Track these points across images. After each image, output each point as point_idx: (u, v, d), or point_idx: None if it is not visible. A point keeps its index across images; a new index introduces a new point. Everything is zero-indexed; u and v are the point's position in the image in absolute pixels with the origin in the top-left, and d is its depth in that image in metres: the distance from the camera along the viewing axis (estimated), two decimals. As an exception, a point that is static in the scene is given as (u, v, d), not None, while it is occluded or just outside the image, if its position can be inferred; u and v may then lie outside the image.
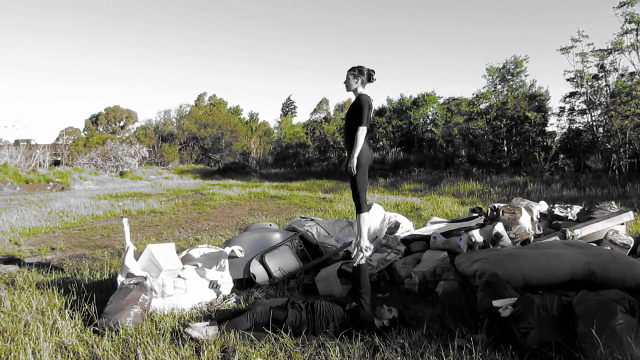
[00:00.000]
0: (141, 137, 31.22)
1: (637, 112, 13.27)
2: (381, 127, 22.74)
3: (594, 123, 15.75)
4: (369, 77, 3.81)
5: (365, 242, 3.67)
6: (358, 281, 3.47)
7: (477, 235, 4.90)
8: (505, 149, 17.77)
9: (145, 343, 3.01)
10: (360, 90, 3.75)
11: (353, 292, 3.46)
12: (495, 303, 3.09)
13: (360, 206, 3.71)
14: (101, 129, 40.90)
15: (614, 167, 13.97)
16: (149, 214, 9.81)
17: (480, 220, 5.19)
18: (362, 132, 3.57)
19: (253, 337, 3.09)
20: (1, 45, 66.64)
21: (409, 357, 2.79)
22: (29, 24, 71.37)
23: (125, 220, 4.42)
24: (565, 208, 5.72)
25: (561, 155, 16.30)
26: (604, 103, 15.08)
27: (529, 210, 5.45)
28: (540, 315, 2.83)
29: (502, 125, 17.45)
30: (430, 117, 23.42)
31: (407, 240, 5.13)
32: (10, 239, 7.08)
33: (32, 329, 3.23)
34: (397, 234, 5.67)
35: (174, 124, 36.16)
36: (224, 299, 4.16)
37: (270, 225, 5.86)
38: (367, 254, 3.63)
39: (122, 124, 42.62)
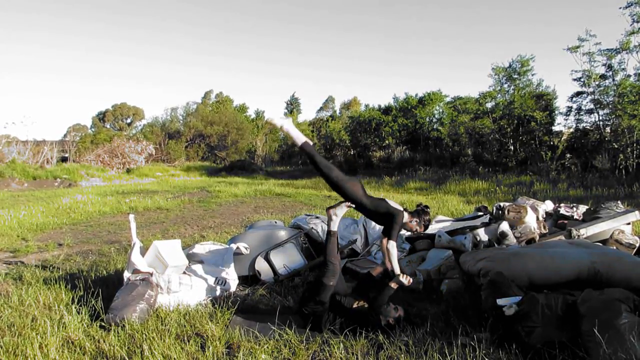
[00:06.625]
0: (148, 134, 31.36)
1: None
2: (387, 126, 22.64)
3: (601, 123, 15.62)
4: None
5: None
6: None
7: (482, 234, 4.90)
8: (512, 148, 17.65)
9: (151, 338, 3.03)
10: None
11: (357, 289, 3.46)
12: (500, 302, 3.08)
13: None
14: (108, 126, 41.26)
15: (621, 167, 13.83)
16: (155, 210, 9.88)
17: (486, 219, 5.17)
18: (392, 246, 3.58)
19: (258, 334, 3.11)
20: (9, 42, 67.12)
21: (413, 355, 2.79)
22: (36, 21, 71.91)
23: (131, 217, 4.45)
24: (571, 207, 5.69)
25: (568, 155, 16.17)
26: (612, 103, 14.94)
27: (535, 210, 5.43)
28: (545, 314, 2.83)
29: (508, 125, 17.35)
30: (436, 116, 23.26)
31: (412, 239, 5.13)
32: (18, 235, 7.16)
33: (40, 324, 3.28)
34: (401, 232, 5.67)
35: (181, 122, 36.24)
36: (229, 295, 4.18)
37: (276, 222, 5.87)
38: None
39: (129, 121, 42.92)
